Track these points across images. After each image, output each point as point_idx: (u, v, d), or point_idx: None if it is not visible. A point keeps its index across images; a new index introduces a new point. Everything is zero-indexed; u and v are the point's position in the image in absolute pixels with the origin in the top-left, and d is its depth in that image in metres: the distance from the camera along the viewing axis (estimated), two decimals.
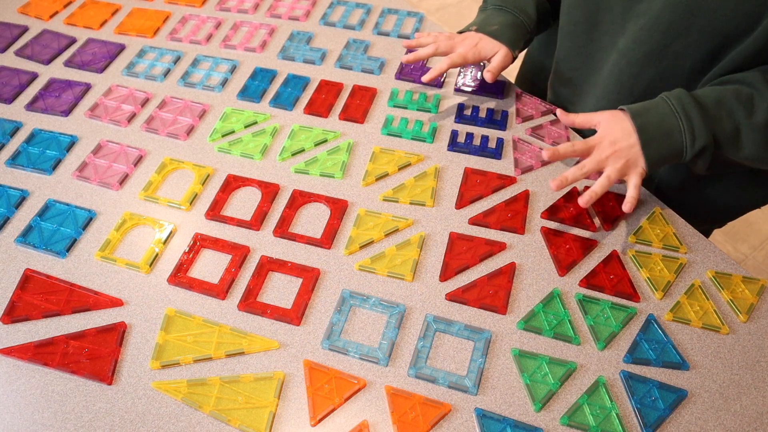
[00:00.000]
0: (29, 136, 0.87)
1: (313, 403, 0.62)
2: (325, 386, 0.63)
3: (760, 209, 0.89)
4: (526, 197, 0.80)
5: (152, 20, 1.07)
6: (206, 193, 0.81)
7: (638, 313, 0.69)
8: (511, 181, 0.82)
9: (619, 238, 0.76)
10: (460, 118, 0.90)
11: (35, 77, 0.96)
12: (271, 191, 0.80)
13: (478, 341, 0.66)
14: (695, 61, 0.74)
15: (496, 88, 0.94)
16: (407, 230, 0.76)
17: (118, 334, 0.66)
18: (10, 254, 0.74)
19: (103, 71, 0.97)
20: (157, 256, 0.74)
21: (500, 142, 0.86)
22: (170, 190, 0.81)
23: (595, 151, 0.72)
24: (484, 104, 0.92)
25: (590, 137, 0.74)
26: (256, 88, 0.94)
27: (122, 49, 1.02)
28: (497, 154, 0.85)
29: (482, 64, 0.97)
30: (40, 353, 0.64)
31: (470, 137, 0.87)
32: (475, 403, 0.62)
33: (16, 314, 0.68)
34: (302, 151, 0.85)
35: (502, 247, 0.74)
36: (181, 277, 0.71)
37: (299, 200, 0.79)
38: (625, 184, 0.82)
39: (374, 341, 0.66)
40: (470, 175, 0.82)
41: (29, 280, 0.71)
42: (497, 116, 0.91)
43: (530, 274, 0.72)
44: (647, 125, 0.71)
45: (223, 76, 0.96)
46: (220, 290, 0.70)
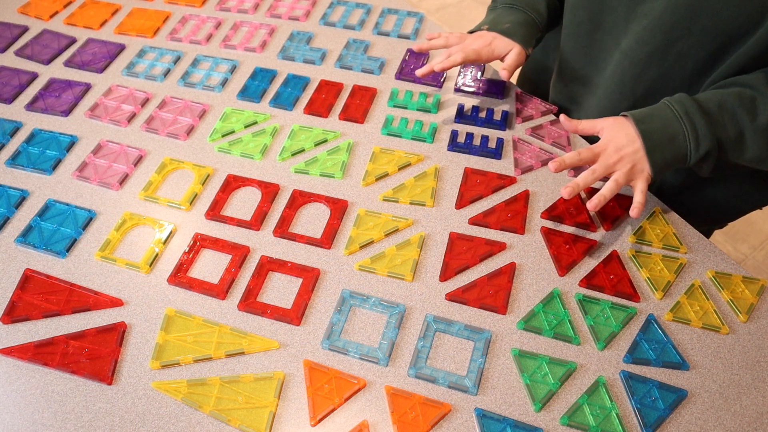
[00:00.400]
0: (29, 136, 0.87)
1: (313, 403, 0.62)
2: (325, 386, 0.63)
3: (760, 209, 0.89)
4: (526, 197, 0.80)
5: (152, 20, 1.07)
6: (206, 193, 0.81)
7: (638, 313, 0.69)
8: (511, 181, 0.82)
9: (619, 238, 0.76)
10: (460, 118, 0.90)
11: (35, 77, 0.96)
12: (271, 191, 0.80)
13: (478, 341, 0.66)
14: (698, 61, 0.74)
15: (496, 88, 0.94)
16: (407, 230, 0.76)
17: (118, 334, 0.66)
18: (10, 254, 0.74)
19: (103, 71, 0.97)
20: (157, 256, 0.74)
21: (500, 142, 0.86)
22: (170, 190, 0.81)
23: (601, 157, 0.72)
24: (484, 104, 0.92)
25: (595, 144, 0.73)
26: (256, 88, 0.94)
27: (122, 49, 1.02)
28: (497, 154, 0.85)
29: (482, 66, 0.97)
30: (40, 353, 0.64)
31: (470, 137, 0.87)
32: (475, 403, 0.62)
33: (16, 314, 0.68)
34: (302, 151, 0.85)
35: (502, 247, 0.74)
36: (181, 277, 0.71)
37: (299, 200, 0.79)
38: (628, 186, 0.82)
39: (374, 341, 0.66)
40: (470, 175, 0.82)
41: (29, 280, 0.71)
42: (497, 116, 0.91)
43: (530, 274, 0.72)
44: (651, 131, 0.71)
45: (223, 76, 0.96)
46: (220, 290, 0.70)
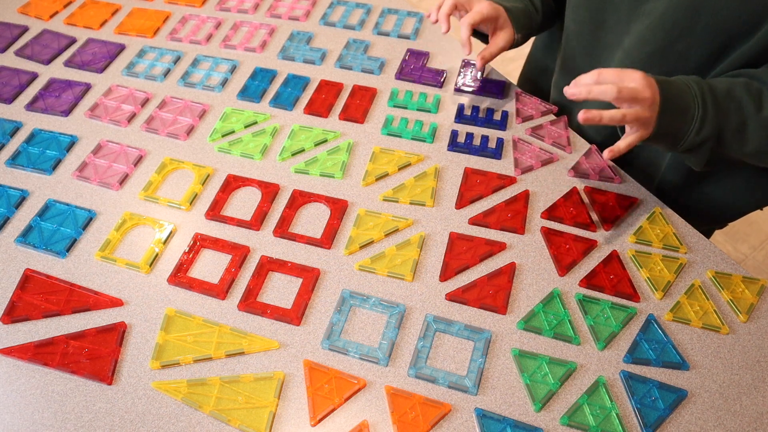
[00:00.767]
0: (29, 136, 0.87)
1: (313, 403, 0.62)
2: (325, 386, 0.63)
3: (760, 209, 0.89)
4: (526, 197, 0.80)
5: (152, 20, 1.07)
6: (206, 193, 0.81)
7: (638, 313, 0.69)
8: (511, 181, 0.82)
9: (619, 238, 0.76)
10: (460, 118, 0.90)
11: (35, 77, 0.96)
12: (271, 191, 0.80)
13: (478, 341, 0.66)
14: (699, 60, 0.74)
15: (496, 88, 0.94)
16: (407, 230, 0.76)
17: (118, 334, 0.66)
18: (10, 254, 0.74)
19: (103, 71, 0.97)
20: (157, 256, 0.74)
21: (500, 142, 0.86)
22: (170, 190, 0.81)
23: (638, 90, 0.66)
24: (484, 104, 0.92)
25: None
26: (256, 88, 0.94)
27: (122, 49, 1.02)
28: (497, 154, 0.85)
29: (482, 67, 0.97)
30: (40, 353, 0.64)
31: (470, 137, 0.87)
32: (475, 403, 0.62)
33: (16, 314, 0.68)
34: (302, 151, 0.85)
35: (502, 247, 0.74)
36: (181, 277, 0.71)
37: (299, 200, 0.79)
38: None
39: (374, 341, 0.66)
40: (470, 175, 0.82)
41: (29, 280, 0.71)
42: (497, 116, 0.90)
43: (530, 274, 0.72)
44: (669, 96, 0.67)
45: (223, 76, 0.96)
46: (220, 290, 0.70)
